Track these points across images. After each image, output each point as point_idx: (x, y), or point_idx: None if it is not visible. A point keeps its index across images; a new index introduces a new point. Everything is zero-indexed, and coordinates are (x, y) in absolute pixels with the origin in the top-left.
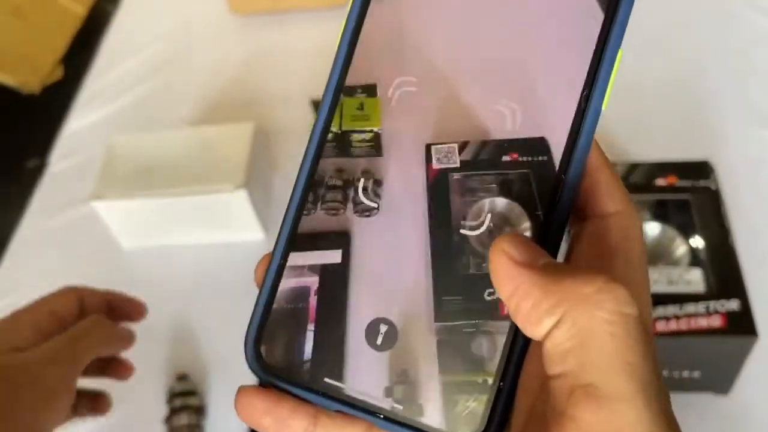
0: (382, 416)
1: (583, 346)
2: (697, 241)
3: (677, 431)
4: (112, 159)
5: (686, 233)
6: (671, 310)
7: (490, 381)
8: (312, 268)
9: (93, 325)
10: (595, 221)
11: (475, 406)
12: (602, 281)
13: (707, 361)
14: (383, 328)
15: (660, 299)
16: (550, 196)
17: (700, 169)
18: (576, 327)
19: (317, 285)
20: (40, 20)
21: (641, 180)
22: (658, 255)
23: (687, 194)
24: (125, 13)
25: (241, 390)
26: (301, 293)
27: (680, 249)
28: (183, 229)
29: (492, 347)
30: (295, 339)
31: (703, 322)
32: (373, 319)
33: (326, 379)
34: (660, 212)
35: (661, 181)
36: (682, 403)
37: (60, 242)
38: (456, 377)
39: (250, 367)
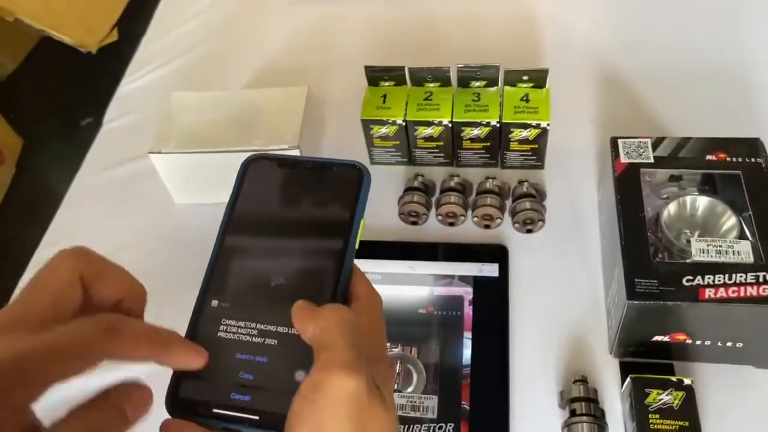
0: (246, 424)
1: (323, 332)
2: (747, 215)
3: (377, 362)
4: (171, 115)
5: (735, 207)
6: (720, 278)
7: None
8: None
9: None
10: (356, 301)
11: None
12: (337, 306)
13: (751, 333)
14: (248, 376)
15: (708, 268)
16: (332, 286)
17: (751, 146)
18: (320, 325)
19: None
20: None
21: (691, 155)
22: (707, 227)
23: (737, 170)
24: None
25: (164, 422)
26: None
27: (729, 222)
28: None
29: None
30: (195, 389)
31: (751, 291)
32: (242, 371)
33: (215, 410)
34: (708, 187)
35: (711, 157)
36: (722, 373)
37: (114, 196)
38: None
39: (169, 412)
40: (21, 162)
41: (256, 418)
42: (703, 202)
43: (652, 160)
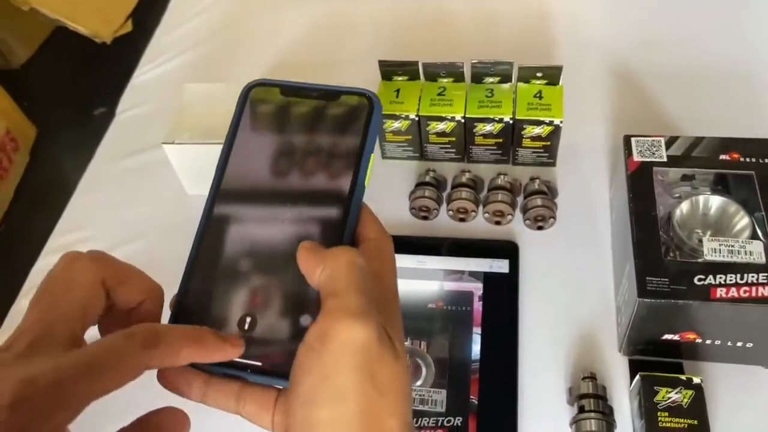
0: (249, 370)
1: (332, 277)
2: (760, 215)
3: (387, 311)
4: (184, 106)
5: (748, 207)
6: (731, 278)
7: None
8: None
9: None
10: (365, 243)
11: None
12: (345, 248)
13: (762, 333)
14: (248, 319)
15: (720, 268)
16: (339, 226)
17: (765, 146)
18: (328, 269)
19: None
20: None
21: (704, 154)
22: (719, 227)
23: (750, 170)
24: None
25: (161, 369)
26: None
27: (742, 222)
28: None
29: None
30: None
31: (763, 291)
32: (243, 314)
33: None
34: (721, 186)
35: (724, 156)
36: (731, 373)
37: (126, 186)
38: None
39: None
40: (34, 150)
41: (259, 364)
42: (716, 201)
43: (665, 159)
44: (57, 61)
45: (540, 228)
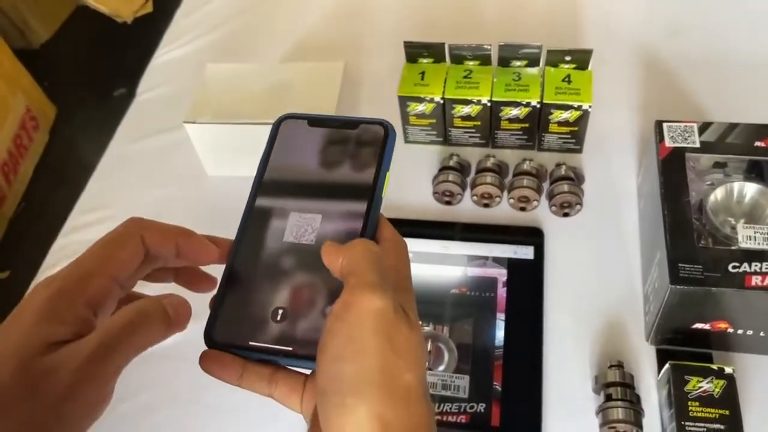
0: (281, 355)
1: (351, 263)
2: None
3: (402, 288)
4: (206, 86)
5: None
6: (767, 266)
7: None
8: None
9: (143, 319)
10: (380, 244)
11: None
12: (362, 240)
13: None
14: (280, 311)
15: (756, 256)
16: (360, 232)
17: None
18: (347, 258)
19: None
20: None
21: (739, 141)
22: (754, 215)
23: None
24: None
25: (203, 353)
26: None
27: None
28: None
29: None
30: (233, 324)
31: None
32: (276, 307)
33: (251, 342)
34: (754, 173)
35: (759, 143)
36: (762, 365)
37: (145, 167)
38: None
39: (207, 345)
40: (54, 130)
41: (290, 349)
42: (750, 188)
43: (698, 145)
44: (77, 41)
45: (566, 215)
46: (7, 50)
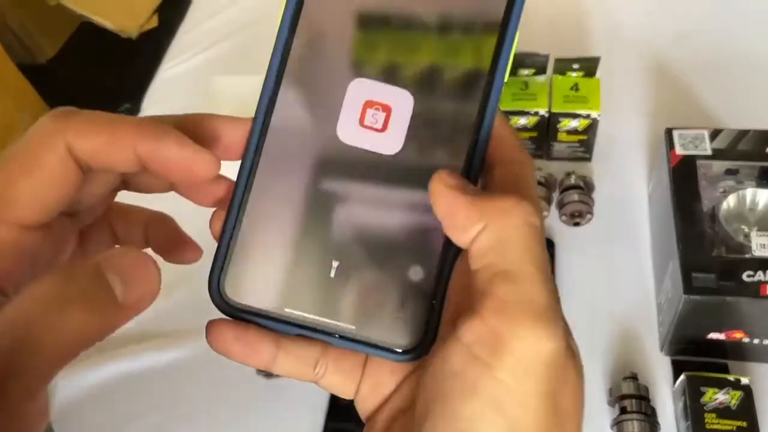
0: (337, 335)
1: (501, 245)
2: None
3: (559, 301)
4: (214, 99)
5: None
6: None
7: (426, 298)
8: None
9: (61, 307)
10: (498, 168)
11: (413, 319)
12: (516, 199)
13: None
14: (335, 263)
15: None
16: (467, 151)
17: None
18: (495, 232)
19: None
20: None
21: (750, 147)
22: (767, 222)
23: None
24: None
25: (210, 323)
26: None
27: None
28: None
29: (423, 276)
30: (258, 274)
31: None
32: (330, 257)
33: (287, 309)
34: (765, 182)
35: None
36: None
37: None
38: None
39: (216, 305)
40: None
41: (352, 327)
42: (763, 195)
43: (709, 152)
44: (82, 56)
45: (576, 224)
46: (12, 67)
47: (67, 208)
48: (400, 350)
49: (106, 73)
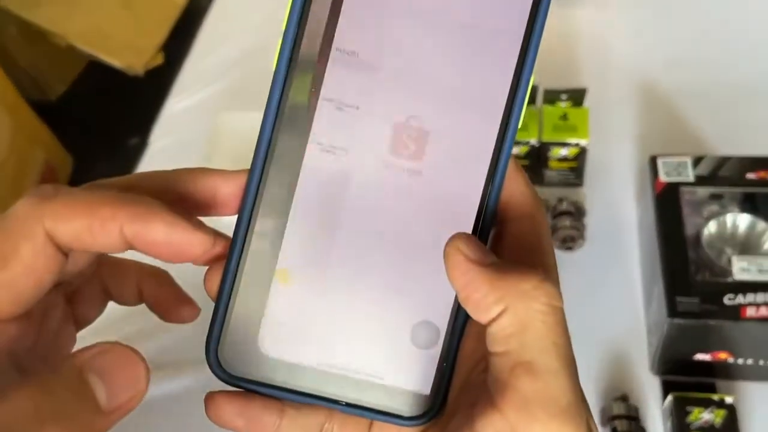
0: (343, 402)
1: (523, 331)
2: None
3: (583, 395)
4: (219, 135)
5: None
6: (762, 297)
7: (436, 360)
8: None
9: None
10: (513, 223)
11: (423, 383)
12: (538, 279)
13: None
14: (340, 326)
15: (750, 287)
16: (479, 205)
17: None
18: (517, 316)
19: None
20: (144, 10)
21: (731, 174)
22: (749, 245)
23: None
24: (221, 4)
25: (209, 396)
26: None
27: None
28: None
29: (433, 336)
30: (255, 340)
31: None
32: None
33: (287, 376)
34: (749, 205)
35: (751, 175)
36: (763, 392)
37: None
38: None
39: (215, 374)
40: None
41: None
42: (743, 220)
43: (692, 179)
44: (91, 93)
45: (569, 249)
46: (25, 105)
47: (47, 290)
48: (408, 416)
49: (114, 108)
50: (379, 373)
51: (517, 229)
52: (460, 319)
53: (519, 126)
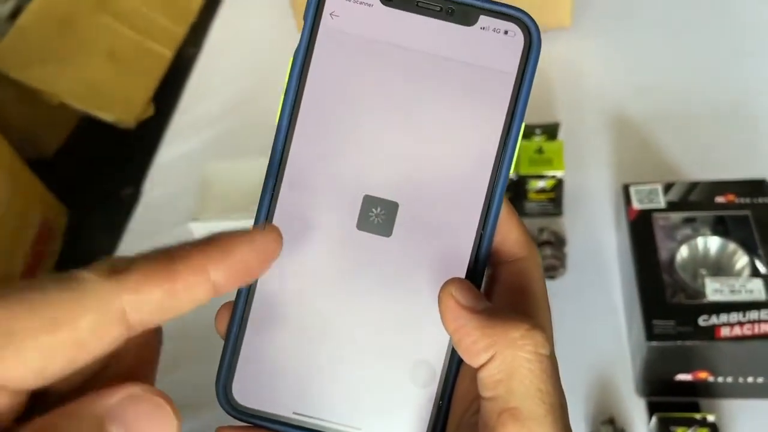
0: None
1: (510, 378)
2: (758, 253)
3: None
4: (207, 185)
5: (746, 247)
6: (735, 317)
7: (431, 399)
8: None
9: None
10: (506, 266)
11: (419, 421)
12: (526, 328)
13: None
14: (343, 365)
15: (723, 307)
16: (472, 248)
17: (758, 187)
18: (505, 363)
19: None
20: (132, 63)
21: (701, 198)
22: (720, 267)
23: (746, 210)
24: (207, 56)
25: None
26: None
27: (741, 261)
28: None
29: (433, 371)
30: (265, 378)
31: (766, 328)
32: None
33: (295, 412)
34: (720, 228)
35: (720, 199)
36: (747, 409)
37: None
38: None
39: (224, 409)
40: (67, 234)
41: (359, 430)
42: (714, 242)
43: (663, 206)
44: (85, 148)
45: (551, 277)
46: (22, 166)
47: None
48: None
49: (107, 161)
50: (379, 412)
51: (510, 273)
52: (454, 358)
53: (511, 170)
